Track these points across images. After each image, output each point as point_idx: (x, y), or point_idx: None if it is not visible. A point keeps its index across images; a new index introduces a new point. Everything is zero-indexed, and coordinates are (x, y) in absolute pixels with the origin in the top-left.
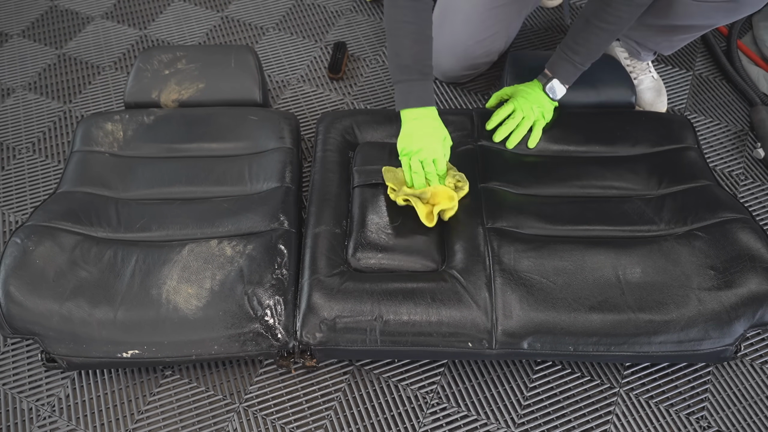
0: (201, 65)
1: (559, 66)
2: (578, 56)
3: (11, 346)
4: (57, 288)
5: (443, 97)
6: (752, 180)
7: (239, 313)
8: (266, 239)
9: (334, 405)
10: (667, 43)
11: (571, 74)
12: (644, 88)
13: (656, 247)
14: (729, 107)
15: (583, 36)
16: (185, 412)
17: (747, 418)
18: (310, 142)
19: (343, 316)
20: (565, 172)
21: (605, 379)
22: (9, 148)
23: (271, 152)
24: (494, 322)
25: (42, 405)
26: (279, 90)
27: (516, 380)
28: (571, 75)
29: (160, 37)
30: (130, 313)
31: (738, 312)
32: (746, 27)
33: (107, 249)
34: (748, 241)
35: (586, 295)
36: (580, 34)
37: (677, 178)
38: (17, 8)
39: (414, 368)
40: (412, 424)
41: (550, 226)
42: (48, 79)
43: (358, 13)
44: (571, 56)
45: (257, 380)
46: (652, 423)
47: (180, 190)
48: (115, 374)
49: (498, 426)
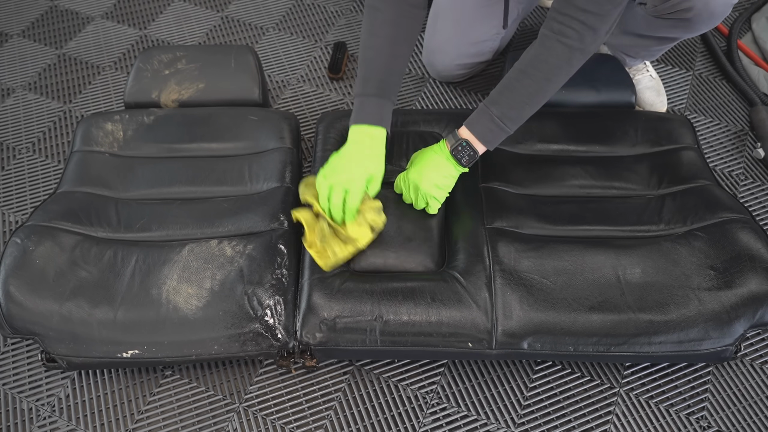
0: (201, 65)
1: (475, 121)
2: (496, 107)
3: (11, 346)
4: (57, 288)
5: (443, 97)
6: (752, 180)
7: (239, 313)
8: (266, 239)
9: (334, 405)
10: (645, 51)
11: (487, 130)
12: (643, 87)
13: (656, 247)
14: (729, 107)
15: (506, 84)
16: (185, 412)
17: (747, 418)
18: (310, 142)
19: (343, 316)
20: (565, 172)
21: (605, 379)
22: (9, 148)
23: (271, 152)
24: (494, 323)
25: (42, 405)
26: (279, 90)
27: (516, 380)
28: (488, 131)
29: (160, 37)
30: (130, 313)
31: (738, 312)
32: (746, 27)
33: (107, 249)
34: (748, 241)
35: (586, 296)
36: (504, 83)
37: (677, 178)
38: (17, 8)
39: (414, 368)
40: (412, 424)
41: (550, 226)
42: (48, 79)
43: (358, 13)
44: (489, 107)
45: (257, 380)
46: (652, 423)
47: (180, 190)
48: (115, 374)
49: (498, 426)
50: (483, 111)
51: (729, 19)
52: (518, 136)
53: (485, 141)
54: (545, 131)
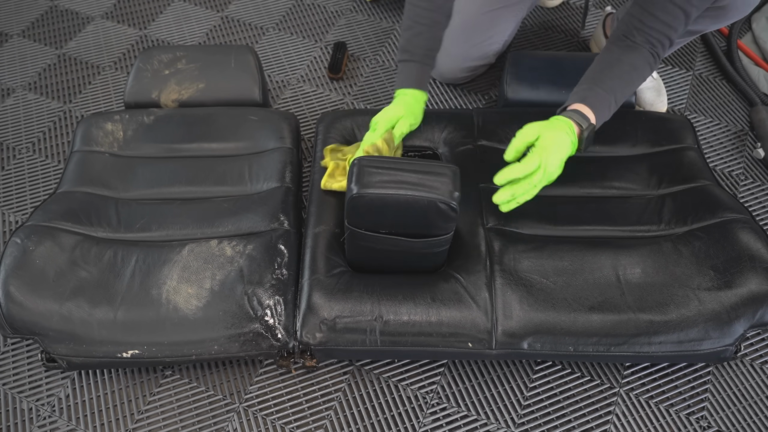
0: (201, 65)
1: (597, 105)
2: (613, 94)
3: (11, 346)
4: (57, 288)
5: (443, 97)
6: (752, 180)
7: (239, 313)
8: (266, 239)
9: (334, 405)
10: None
11: (603, 118)
12: (644, 87)
13: (656, 248)
14: (729, 107)
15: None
16: (185, 412)
17: (747, 418)
18: (310, 142)
19: (343, 316)
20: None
21: (605, 379)
22: (9, 148)
23: (271, 152)
24: (494, 323)
25: (42, 405)
26: (279, 90)
27: (516, 380)
28: (602, 119)
29: (160, 37)
30: (130, 313)
31: (738, 312)
32: (746, 27)
33: (107, 249)
34: (748, 241)
35: (586, 296)
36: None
37: (677, 178)
38: (17, 8)
39: (414, 368)
40: (412, 424)
41: (551, 226)
42: (48, 79)
43: (358, 13)
44: (609, 94)
45: (257, 380)
46: (652, 423)
47: (180, 190)
48: (115, 374)
49: (498, 426)
50: (605, 98)
51: None
52: None
53: (598, 125)
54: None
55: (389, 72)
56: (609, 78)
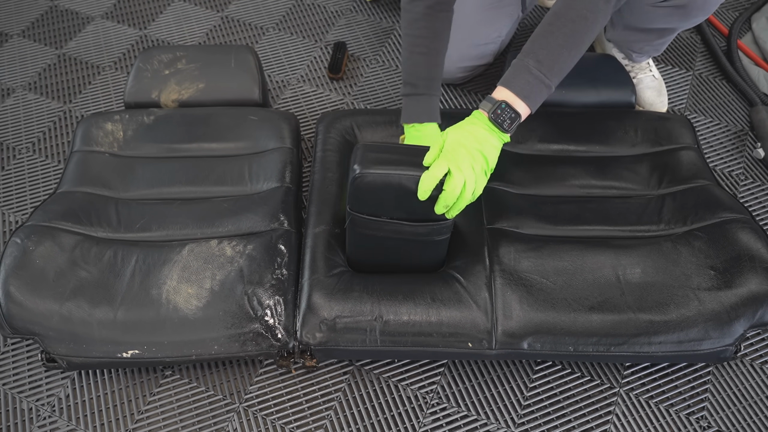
0: (201, 65)
1: (510, 76)
2: (531, 57)
3: (11, 346)
4: (57, 288)
5: (443, 97)
6: (752, 180)
7: (239, 313)
8: (266, 239)
9: (334, 405)
10: (648, 46)
11: (525, 83)
12: (644, 87)
13: (656, 247)
14: (729, 107)
15: (538, 34)
16: (185, 412)
17: (747, 418)
18: (310, 142)
19: (343, 316)
20: (565, 172)
21: (605, 379)
22: (9, 148)
23: (271, 152)
24: (494, 323)
25: (42, 405)
26: (279, 90)
27: (516, 380)
28: (526, 84)
29: (160, 37)
30: (130, 313)
31: (738, 312)
32: (746, 27)
33: (107, 249)
34: (748, 241)
35: (586, 296)
36: (535, 35)
37: (677, 178)
38: (17, 8)
39: (414, 368)
40: (412, 424)
41: (550, 226)
42: (48, 79)
43: (358, 13)
44: (524, 59)
45: (257, 380)
46: (652, 423)
47: (180, 190)
48: (115, 374)
49: (498, 426)
50: (518, 65)
51: (729, 19)
52: (518, 136)
53: (525, 97)
54: (545, 131)
55: (389, 72)
56: (530, 43)
